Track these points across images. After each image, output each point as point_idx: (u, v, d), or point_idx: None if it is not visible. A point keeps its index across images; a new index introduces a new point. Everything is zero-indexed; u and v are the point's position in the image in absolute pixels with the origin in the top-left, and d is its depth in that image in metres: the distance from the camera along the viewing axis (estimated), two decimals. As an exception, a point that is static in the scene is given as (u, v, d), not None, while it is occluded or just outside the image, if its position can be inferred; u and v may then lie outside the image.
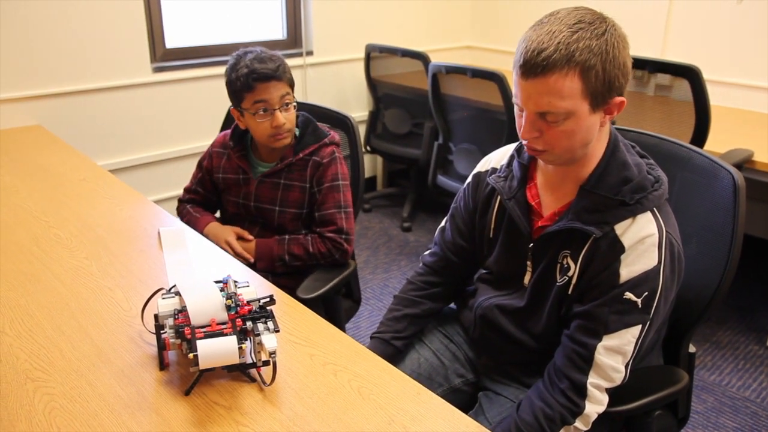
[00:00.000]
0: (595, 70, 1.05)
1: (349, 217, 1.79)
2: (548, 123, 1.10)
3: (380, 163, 4.18)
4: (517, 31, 4.11)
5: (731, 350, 2.55)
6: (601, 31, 1.06)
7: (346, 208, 1.79)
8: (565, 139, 1.11)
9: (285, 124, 1.72)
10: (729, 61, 3.19)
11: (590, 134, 1.13)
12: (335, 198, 1.77)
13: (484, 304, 1.36)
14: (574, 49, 1.04)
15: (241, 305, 1.07)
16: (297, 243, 1.76)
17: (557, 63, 1.04)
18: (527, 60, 1.06)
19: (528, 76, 1.07)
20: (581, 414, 1.14)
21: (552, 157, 1.16)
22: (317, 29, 3.53)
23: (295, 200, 1.80)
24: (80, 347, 1.14)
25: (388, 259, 3.33)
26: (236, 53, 1.76)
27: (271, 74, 1.69)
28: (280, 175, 1.80)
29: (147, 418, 0.97)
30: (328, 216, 1.77)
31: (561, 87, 1.05)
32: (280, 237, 1.79)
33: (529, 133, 1.12)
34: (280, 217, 1.81)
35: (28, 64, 2.58)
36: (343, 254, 1.78)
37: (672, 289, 1.17)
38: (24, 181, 1.94)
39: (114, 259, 1.46)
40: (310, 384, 1.06)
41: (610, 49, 1.06)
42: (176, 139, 3.12)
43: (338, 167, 1.79)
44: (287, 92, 1.73)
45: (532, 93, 1.08)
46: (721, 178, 1.27)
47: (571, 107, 1.07)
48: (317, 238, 1.77)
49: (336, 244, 1.76)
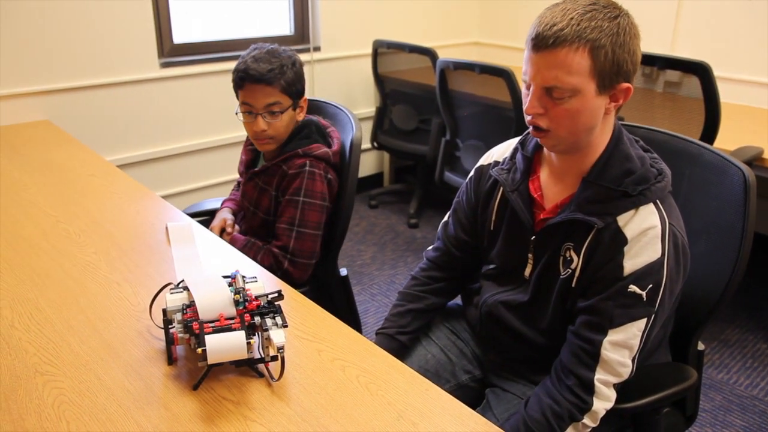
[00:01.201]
0: (604, 50, 1.07)
1: (301, 238, 1.67)
2: (554, 100, 1.11)
3: (387, 159, 4.17)
4: (524, 27, 4.10)
5: (739, 348, 2.54)
6: (614, 15, 1.08)
7: (301, 227, 1.67)
8: (569, 119, 1.12)
9: (265, 131, 1.67)
10: (738, 57, 3.16)
11: (594, 118, 1.13)
12: (291, 213, 1.68)
13: (489, 300, 1.36)
14: (585, 26, 1.06)
15: (249, 300, 1.07)
16: (253, 249, 1.72)
17: (568, 37, 1.06)
18: (539, 33, 1.08)
19: (538, 49, 1.09)
20: (589, 410, 1.14)
21: (555, 140, 1.16)
22: (324, 25, 3.52)
23: (264, 205, 1.76)
24: (89, 341, 1.14)
25: (395, 255, 3.33)
26: (253, 45, 1.71)
27: (259, 77, 1.62)
28: (260, 176, 1.77)
29: (155, 412, 0.97)
30: (279, 230, 1.69)
31: (570, 62, 1.07)
32: (248, 238, 1.76)
33: (534, 108, 1.13)
34: (252, 218, 1.79)
35: (36, 60, 2.59)
36: (285, 274, 1.66)
37: (677, 281, 1.17)
38: (32, 177, 1.95)
39: (122, 254, 1.47)
40: (318, 379, 1.06)
41: (622, 33, 1.08)
42: (184, 135, 3.12)
43: (305, 182, 1.67)
44: (276, 101, 1.65)
45: (541, 66, 1.09)
46: (731, 176, 1.27)
47: (578, 84, 1.08)
48: (267, 249, 1.70)
49: (278, 261, 1.67)
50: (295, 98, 1.71)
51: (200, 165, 3.21)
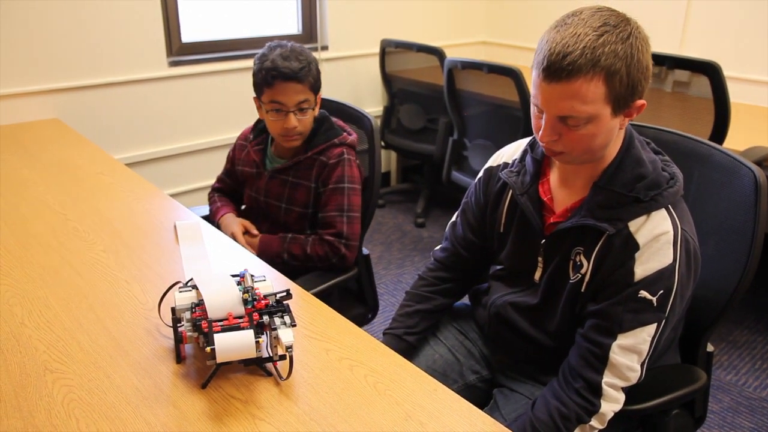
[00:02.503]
0: (619, 75, 1.03)
1: (351, 222, 1.74)
2: (569, 127, 1.09)
3: (394, 158, 4.17)
4: (532, 27, 4.09)
5: (748, 350, 2.53)
6: (626, 35, 1.03)
7: (350, 212, 1.74)
8: (585, 143, 1.10)
9: (296, 128, 1.70)
10: (748, 57, 3.15)
11: (610, 137, 1.12)
12: (338, 200, 1.73)
13: (498, 301, 1.36)
14: (600, 53, 1.01)
15: (258, 299, 1.07)
16: (297, 243, 1.74)
17: (582, 68, 1.02)
18: (551, 63, 1.03)
19: (551, 80, 1.04)
20: (597, 413, 1.14)
21: (570, 159, 1.15)
22: (332, 24, 3.53)
23: (301, 199, 1.78)
24: (98, 339, 1.14)
25: (402, 254, 3.33)
26: (269, 44, 1.71)
27: (292, 75, 1.65)
28: (288, 172, 1.79)
29: (164, 410, 0.98)
30: (329, 218, 1.73)
31: (585, 92, 1.03)
32: (284, 235, 1.78)
33: (549, 136, 1.11)
34: (285, 214, 1.81)
35: (46, 59, 2.60)
36: (341, 259, 1.73)
37: (688, 287, 1.16)
38: (42, 175, 1.95)
39: (131, 252, 1.47)
40: (326, 379, 1.06)
41: (635, 52, 1.04)
42: (192, 134, 3.13)
43: (345, 169, 1.74)
44: (306, 98, 1.69)
45: (554, 97, 1.06)
46: (741, 176, 1.26)
47: (594, 112, 1.06)
48: (317, 239, 1.74)
49: (334, 248, 1.72)
50: (317, 94, 1.75)
51: (209, 163, 3.21)
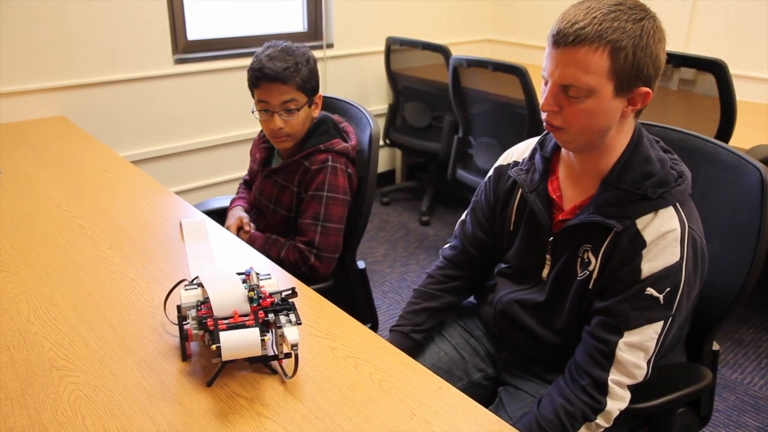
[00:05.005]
0: (625, 52, 1.05)
1: (326, 232, 1.68)
2: (569, 98, 1.10)
3: (399, 156, 4.17)
4: (538, 25, 4.08)
5: (754, 348, 2.52)
6: (639, 18, 1.06)
7: (326, 222, 1.69)
8: (583, 119, 1.11)
9: (282, 129, 1.68)
10: (754, 55, 3.13)
11: (609, 120, 1.12)
12: (315, 209, 1.69)
13: (504, 299, 1.36)
14: (608, 27, 1.04)
15: (263, 297, 1.07)
16: (276, 245, 1.72)
17: (588, 36, 1.05)
18: (560, 29, 1.07)
19: (558, 46, 1.08)
20: (603, 411, 1.14)
21: (568, 137, 1.15)
22: (338, 22, 3.52)
23: (285, 202, 1.76)
24: (104, 337, 1.15)
25: (407, 252, 3.33)
26: (267, 43, 1.71)
27: (275, 76, 1.63)
28: (279, 174, 1.78)
29: (169, 408, 0.98)
30: (304, 226, 1.70)
31: (588, 61, 1.06)
32: (269, 235, 1.77)
33: (550, 105, 1.13)
34: (272, 215, 1.80)
35: (52, 56, 2.60)
36: (311, 269, 1.68)
37: (695, 285, 1.16)
38: (47, 172, 1.96)
39: (136, 249, 1.48)
40: (331, 377, 1.06)
41: (645, 36, 1.06)
42: (197, 131, 3.13)
43: (328, 177, 1.69)
44: (292, 98, 1.66)
45: (559, 62, 1.09)
46: (748, 175, 1.25)
47: (595, 84, 1.07)
48: (291, 246, 1.71)
49: (304, 256, 1.68)
50: (311, 95, 1.71)
51: (214, 161, 3.22)
